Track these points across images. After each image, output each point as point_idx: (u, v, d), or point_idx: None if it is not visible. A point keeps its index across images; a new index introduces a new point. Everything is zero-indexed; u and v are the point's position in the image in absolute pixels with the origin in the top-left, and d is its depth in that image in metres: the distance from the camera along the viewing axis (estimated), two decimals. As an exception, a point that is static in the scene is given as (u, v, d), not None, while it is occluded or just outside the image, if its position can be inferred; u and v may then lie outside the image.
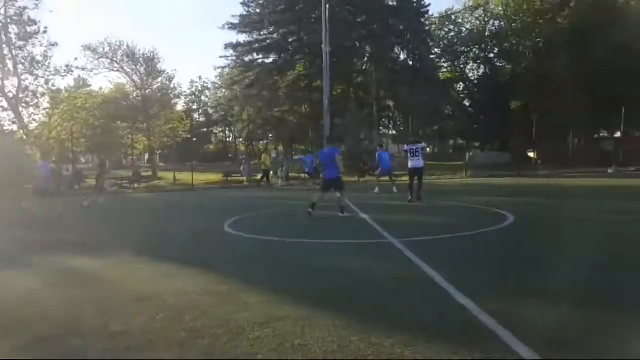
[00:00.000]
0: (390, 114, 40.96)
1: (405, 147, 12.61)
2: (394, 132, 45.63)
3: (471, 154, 35.53)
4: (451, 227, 8.10)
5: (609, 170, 22.67)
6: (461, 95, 43.81)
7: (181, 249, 7.08)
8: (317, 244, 7.29)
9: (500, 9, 39.45)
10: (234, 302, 4.23)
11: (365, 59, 38.01)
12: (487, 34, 39.91)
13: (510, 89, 36.11)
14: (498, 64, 41.54)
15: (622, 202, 11.29)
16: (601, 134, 38.56)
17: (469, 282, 4.62)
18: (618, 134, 27.72)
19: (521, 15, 37.80)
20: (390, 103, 38.20)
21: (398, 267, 5.50)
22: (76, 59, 53.10)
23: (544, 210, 10.47)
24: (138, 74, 32.88)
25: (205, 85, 63.39)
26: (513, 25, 38.03)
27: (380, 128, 41.18)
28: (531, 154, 30.57)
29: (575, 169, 23.86)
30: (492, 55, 41.16)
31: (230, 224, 9.38)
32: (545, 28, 34.48)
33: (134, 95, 34.68)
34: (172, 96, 36.95)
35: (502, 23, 39.43)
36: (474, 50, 40.88)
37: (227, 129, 63.82)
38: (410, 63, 35.91)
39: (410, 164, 12.07)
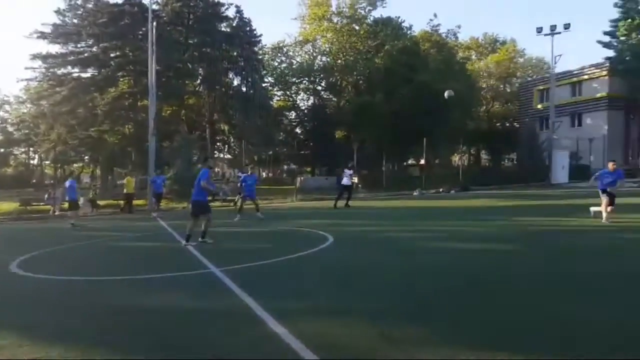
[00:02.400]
0: (225, 138, 40.74)
1: (347, 171, 18.17)
2: (228, 156, 45.43)
3: (302, 178, 37.32)
4: (275, 251, 8.25)
5: (415, 193, 25.87)
6: (293, 123, 46.04)
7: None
8: (127, 280, 6.61)
9: (326, 46, 42.95)
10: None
11: (199, 81, 37.34)
12: (315, 67, 42.91)
13: (336, 120, 39.43)
14: (325, 96, 44.95)
15: (424, 221, 12.95)
16: (409, 162, 44.41)
17: (285, 308, 4.73)
18: (422, 161, 32.06)
19: (344, 54, 41.73)
20: (225, 127, 38.04)
21: (215, 298, 5.38)
22: None
23: (361, 230, 11.39)
24: None
25: (6, 99, 54.79)
26: (338, 62, 41.70)
27: (215, 152, 40.61)
28: (354, 179, 33.30)
29: (389, 192, 26.82)
30: (320, 87, 44.36)
31: (20, 262, 8.09)
32: (364, 67, 38.61)
33: None
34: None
35: (328, 59, 42.91)
36: (304, 81, 43.54)
37: (31, 149, 54.80)
38: (244, 89, 36.39)
39: (343, 182, 17.99)
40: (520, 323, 4.14)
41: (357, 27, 41.71)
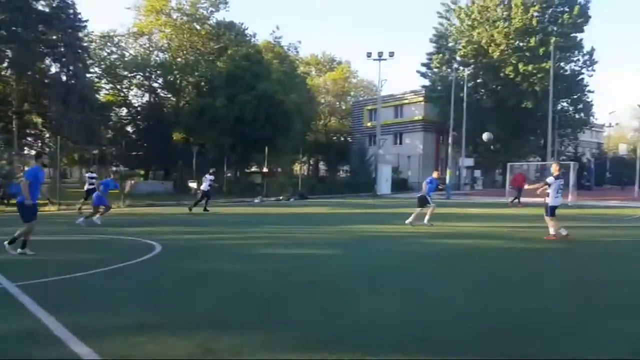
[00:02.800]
0: (38, 132, 35.17)
1: (208, 176, 18.47)
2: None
3: (133, 181, 34.35)
4: (89, 263, 7.22)
5: (255, 200, 25.86)
6: (124, 121, 42.07)
7: None
8: None
9: (164, 42, 40.48)
10: None
11: (6, 64, 31.61)
12: (152, 63, 39.93)
13: (174, 121, 37.30)
14: (162, 94, 42.18)
15: (259, 228, 12.84)
16: (253, 169, 44.47)
17: (91, 326, 4.15)
18: (265, 169, 32.32)
19: (184, 52, 39.90)
20: (37, 119, 32.84)
21: (5, 318, 4.44)
22: None
23: (193, 238, 10.74)
24: None
25: None
26: (177, 60, 39.61)
27: (25, 147, 34.80)
28: (192, 184, 32.09)
29: (230, 198, 26.25)
30: (156, 84, 41.43)
31: None
32: (205, 68, 37.37)
33: None
34: None
35: (167, 56, 40.48)
36: (138, 76, 40.15)
37: None
38: (64, 78, 31.97)
39: (202, 187, 18.52)
40: (343, 325, 4.22)
41: (198, 27, 40.27)
